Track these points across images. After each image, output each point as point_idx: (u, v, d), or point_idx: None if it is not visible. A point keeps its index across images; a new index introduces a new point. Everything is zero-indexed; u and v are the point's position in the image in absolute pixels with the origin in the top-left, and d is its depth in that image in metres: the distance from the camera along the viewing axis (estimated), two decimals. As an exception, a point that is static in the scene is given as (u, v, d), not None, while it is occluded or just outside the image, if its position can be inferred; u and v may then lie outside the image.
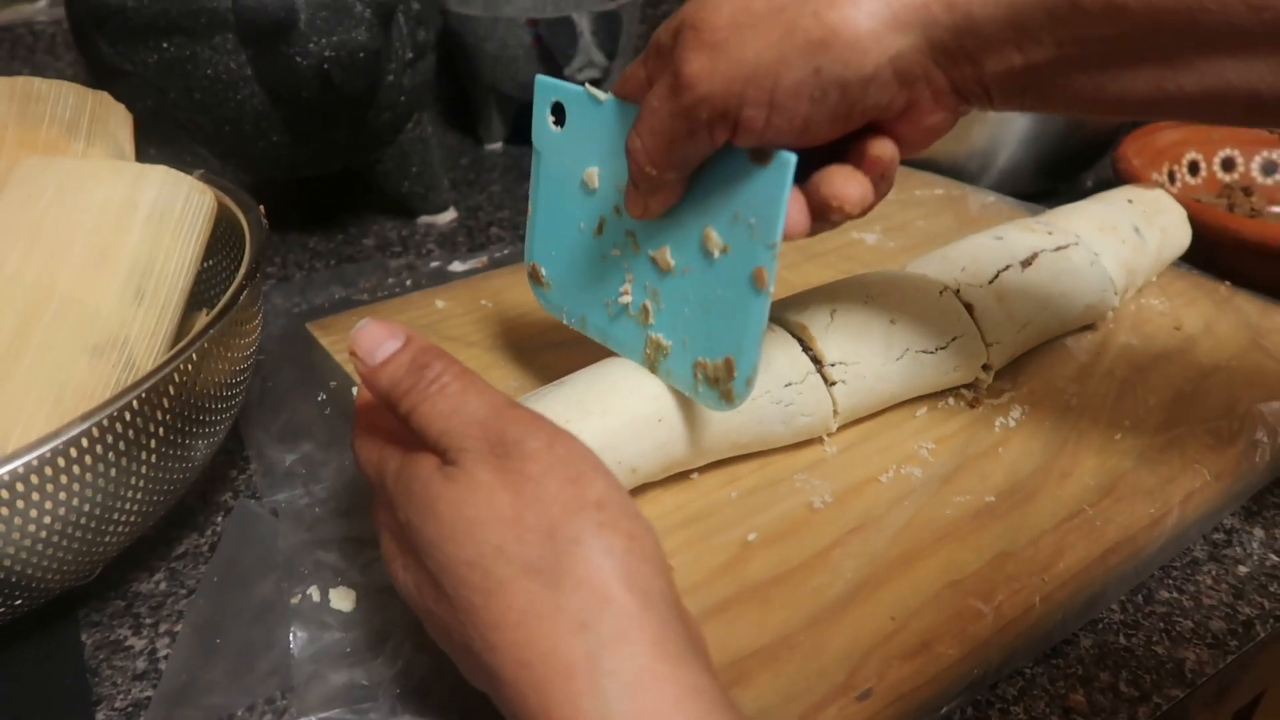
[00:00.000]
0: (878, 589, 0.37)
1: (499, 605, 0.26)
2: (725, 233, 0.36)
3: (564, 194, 0.43)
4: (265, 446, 0.46)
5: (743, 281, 0.36)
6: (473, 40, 0.80)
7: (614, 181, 0.40)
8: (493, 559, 0.26)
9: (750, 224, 0.35)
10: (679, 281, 0.39)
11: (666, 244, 0.39)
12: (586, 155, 0.41)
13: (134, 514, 0.36)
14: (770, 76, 0.31)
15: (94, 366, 0.39)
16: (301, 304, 0.61)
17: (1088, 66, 0.30)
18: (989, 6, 0.29)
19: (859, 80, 0.31)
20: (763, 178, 0.34)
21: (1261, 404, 0.47)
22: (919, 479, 0.42)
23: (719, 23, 0.31)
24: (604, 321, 0.43)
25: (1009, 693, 0.36)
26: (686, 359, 0.39)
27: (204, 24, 0.56)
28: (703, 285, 0.38)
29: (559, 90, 0.41)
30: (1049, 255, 0.51)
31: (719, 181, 0.36)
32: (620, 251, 0.41)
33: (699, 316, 0.38)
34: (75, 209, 0.41)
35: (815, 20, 0.30)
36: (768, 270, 0.35)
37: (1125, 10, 0.28)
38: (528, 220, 0.45)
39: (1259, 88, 0.29)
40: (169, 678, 0.35)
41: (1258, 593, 0.40)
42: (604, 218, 0.41)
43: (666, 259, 0.39)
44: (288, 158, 0.64)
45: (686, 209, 0.38)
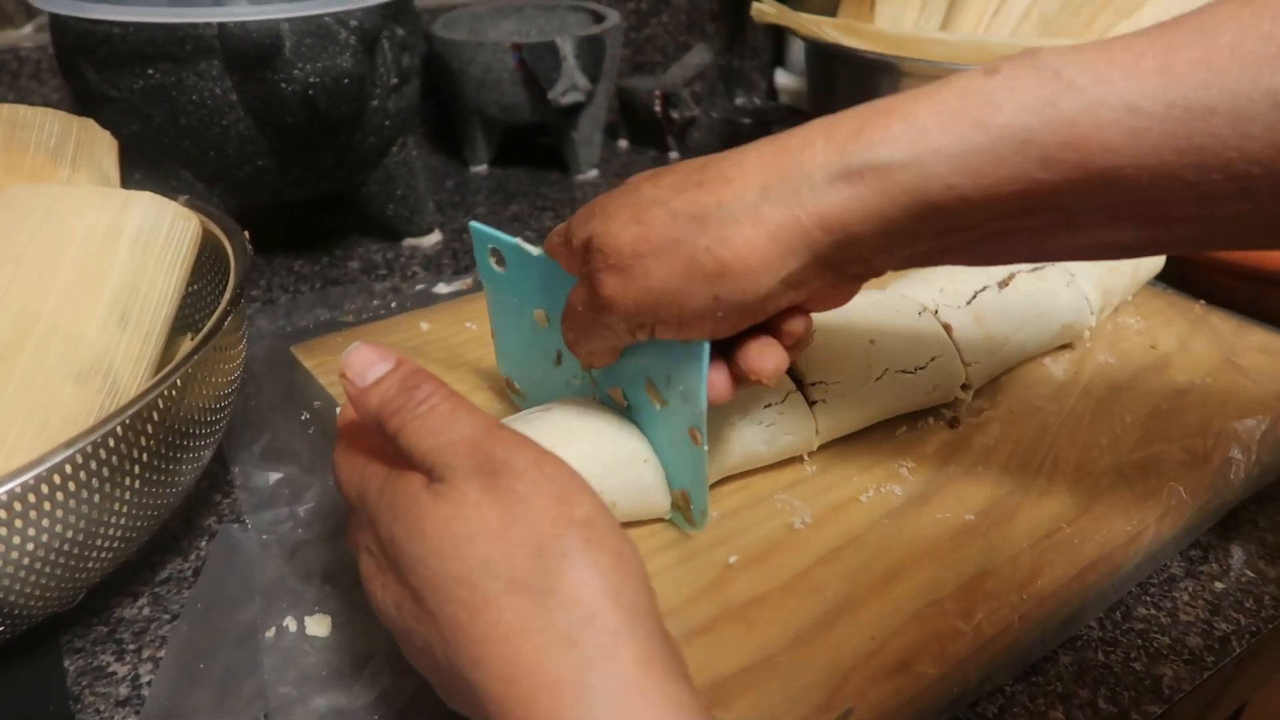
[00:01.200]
0: (858, 609, 0.37)
1: (485, 620, 0.26)
2: (663, 390, 0.39)
3: (519, 325, 0.45)
4: (249, 469, 0.46)
5: (683, 434, 0.38)
6: (457, 64, 0.81)
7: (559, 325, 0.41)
8: (479, 574, 0.26)
9: (681, 389, 0.37)
10: (637, 416, 0.41)
11: (619, 385, 0.41)
12: (531, 297, 0.43)
13: (117, 540, 0.36)
14: (676, 301, 0.33)
15: (78, 392, 0.39)
16: (286, 327, 0.61)
17: (967, 245, 0.32)
18: (864, 225, 0.31)
19: (756, 299, 0.33)
20: (685, 353, 0.36)
21: (1236, 421, 0.47)
22: (899, 498, 0.43)
23: (623, 250, 0.33)
24: None
25: (989, 710, 0.36)
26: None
27: (189, 50, 0.56)
28: (655, 425, 0.40)
29: (495, 239, 0.42)
30: (1026, 276, 0.52)
31: (652, 347, 0.38)
32: (579, 382, 0.43)
33: (662, 449, 0.41)
34: (60, 235, 0.41)
35: (709, 256, 0.32)
36: (700, 432, 0.37)
37: (988, 207, 0.30)
38: (495, 336, 0.48)
39: (1129, 242, 0.31)
40: (152, 704, 0.35)
41: (1234, 609, 0.41)
42: (560, 351, 0.43)
43: (620, 398, 0.41)
44: (273, 182, 0.64)
45: (630, 360, 0.39)
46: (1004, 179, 0.29)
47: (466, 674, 0.26)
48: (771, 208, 0.31)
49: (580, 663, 0.25)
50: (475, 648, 0.26)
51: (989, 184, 0.29)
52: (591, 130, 0.88)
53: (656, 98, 0.93)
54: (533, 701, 0.25)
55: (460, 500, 0.28)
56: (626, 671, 0.25)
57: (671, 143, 0.95)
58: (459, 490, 0.28)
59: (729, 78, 1.13)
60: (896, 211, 0.30)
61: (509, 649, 0.25)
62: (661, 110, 0.93)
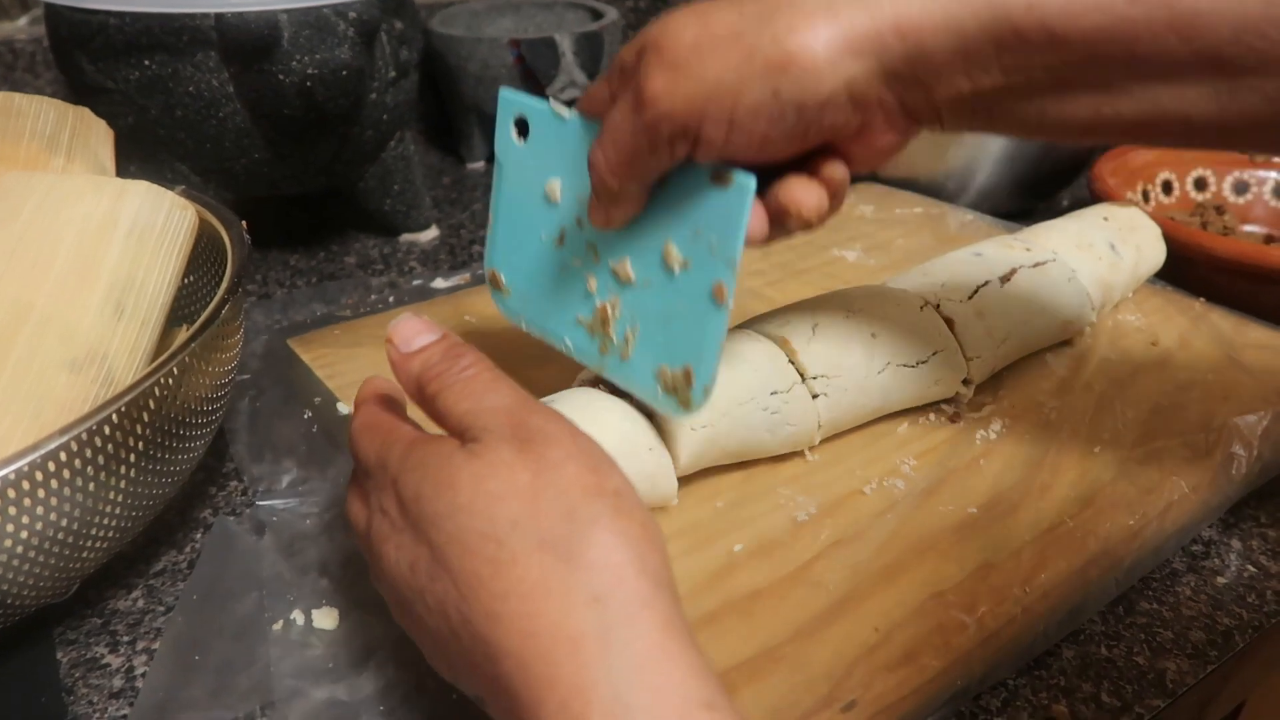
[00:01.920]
0: (862, 601, 0.37)
1: (509, 576, 0.26)
2: (685, 248, 0.37)
3: (526, 204, 0.43)
4: (246, 462, 0.46)
5: (703, 296, 0.37)
6: (455, 60, 0.81)
7: (576, 194, 0.40)
8: (508, 531, 0.26)
9: (710, 241, 0.36)
10: (640, 293, 0.40)
11: (627, 256, 0.40)
12: (549, 168, 0.41)
13: (112, 530, 0.35)
14: (730, 96, 0.32)
15: (73, 382, 0.38)
16: (283, 321, 0.61)
17: (1031, 93, 0.32)
18: (939, 35, 0.31)
19: (815, 103, 0.32)
20: (723, 199, 0.35)
21: (1237, 417, 0.47)
22: (902, 492, 0.43)
23: (681, 44, 0.32)
24: (563, 329, 0.44)
25: (992, 704, 0.36)
26: (648, 366, 0.40)
27: (186, 42, 0.56)
28: (663, 297, 0.39)
29: (523, 105, 0.41)
30: (1027, 271, 0.51)
31: (680, 198, 0.37)
32: (581, 262, 0.42)
33: (659, 327, 0.39)
34: (55, 224, 0.40)
35: (775, 45, 0.31)
36: (727, 286, 0.36)
37: (1066, 40, 0.30)
38: (488, 228, 0.46)
39: (1189, 112, 0.31)
40: (146, 695, 0.35)
41: (1236, 603, 0.40)
42: (565, 229, 0.42)
43: (627, 271, 0.40)
44: (269, 175, 0.64)
45: (648, 223, 0.38)
46: (1089, 7, 0.29)
47: (481, 629, 0.26)
48: (847, 4, 0.31)
49: (604, 622, 0.25)
50: (495, 602, 0.26)
51: (1073, 10, 0.29)
52: (589, 127, 0.87)
53: (654, 95, 0.92)
54: (552, 656, 0.24)
55: (494, 460, 0.28)
56: (650, 634, 0.25)
57: (669, 141, 0.95)
58: (494, 451, 0.28)
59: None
60: (974, 26, 0.30)
61: (532, 605, 0.25)
62: (659, 108, 0.93)
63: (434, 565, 0.27)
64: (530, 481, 0.27)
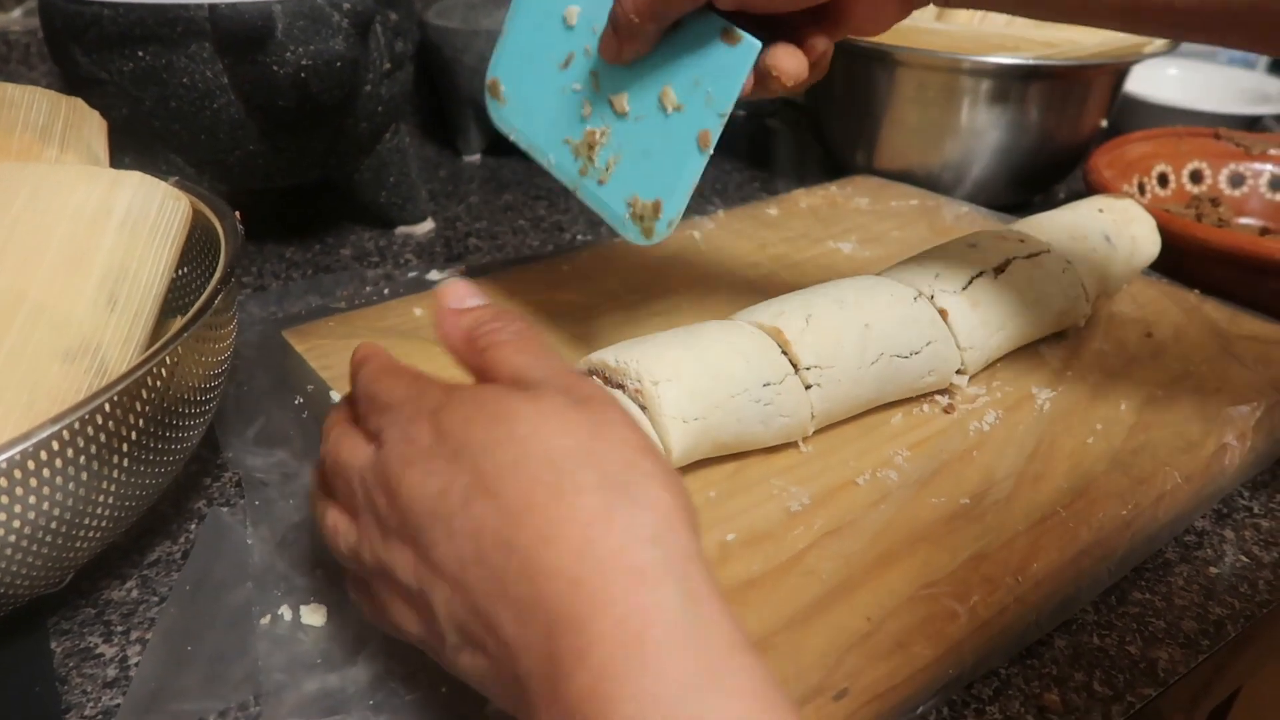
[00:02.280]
0: (854, 591, 0.37)
1: (570, 504, 0.26)
2: (683, 94, 0.42)
3: (541, 23, 0.47)
4: (240, 453, 0.46)
5: (689, 139, 0.42)
6: (451, 52, 0.80)
7: (591, 24, 0.44)
8: (571, 464, 0.26)
9: (708, 92, 0.41)
10: (630, 126, 0.44)
11: (626, 91, 0.44)
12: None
13: (105, 520, 0.35)
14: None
15: (66, 372, 0.38)
16: (278, 313, 0.61)
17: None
18: None
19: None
20: (728, 55, 0.40)
21: (1231, 408, 0.48)
22: (895, 482, 0.43)
23: None
24: (550, 146, 0.48)
25: (984, 693, 0.36)
26: (622, 193, 0.44)
27: (180, 33, 0.56)
28: (650, 133, 0.43)
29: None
30: (1021, 262, 0.51)
31: (688, 48, 0.41)
32: (581, 88, 0.46)
33: (641, 159, 0.44)
34: (48, 214, 0.40)
35: None
36: (713, 134, 0.41)
37: None
38: (500, 38, 0.49)
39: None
40: (138, 684, 0.35)
41: (1228, 593, 0.41)
42: (573, 54, 0.46)
43: (624, 104, 0.44)
44: (264, 167, 0.64)
45: (652, 66, 0.42)
46: None
47: (530, 551, 0.25)
48: None
49: (661, 559, 0.25)
50: (550, 526, 0.25)
51: None
52: (585, 120, 0.87)
53: (651, 88, 0.92)
54: (612, 579, 0.24)
55: (555, 405, 0.28)
56: (701, 579, 0.25)
57: (665, 133, 0.95)
58: (552, 399, 0.28)
59: (723, 70, 1.12)
60: None
61: (593, 532, 0.25)
62: (656, 101, 0.93)
63: (473, 490, 0.27)
64: (590, 431, 0.28)
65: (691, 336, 0.43)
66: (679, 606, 0.24)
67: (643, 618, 0.24)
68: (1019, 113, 0.73)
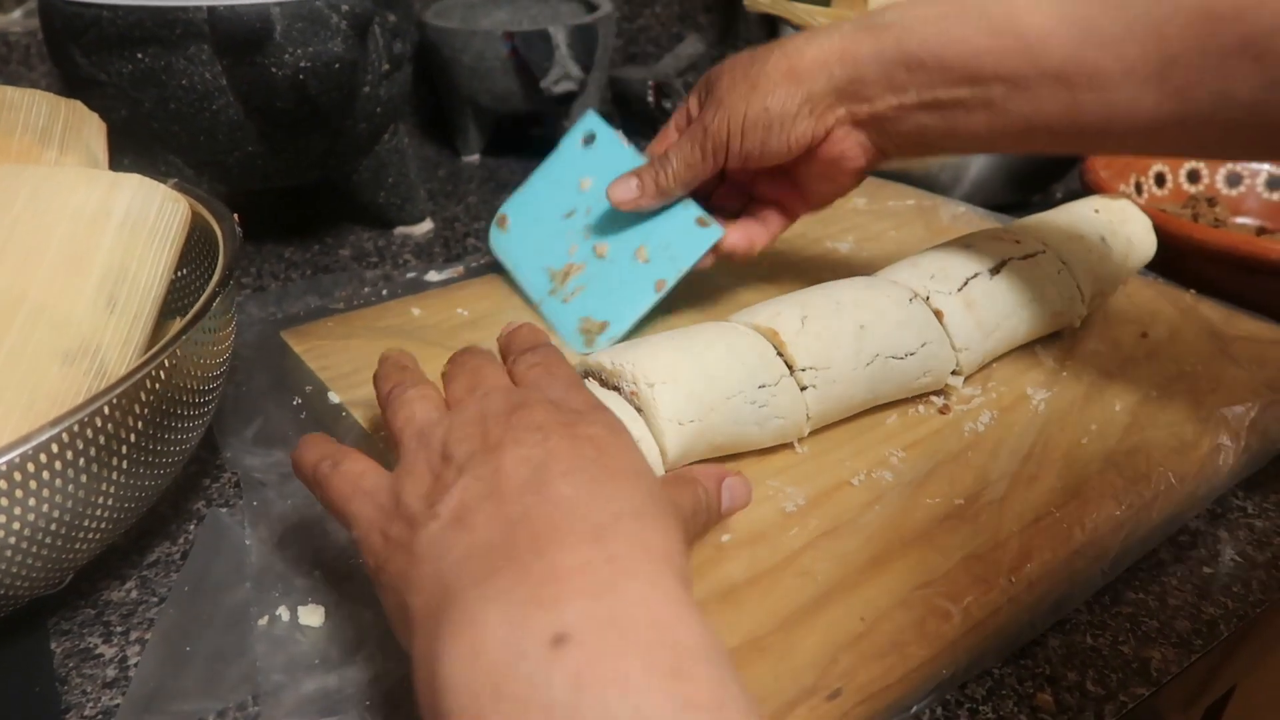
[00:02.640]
0: (849, 591, 0.37)
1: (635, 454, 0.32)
2: (653, 253, 0.54)
3: (560, 182, 0.59)
4: (238, 453, 0.46)
5: (648, 283, 0.54)
6: (449, 53, 0.81)
7: (598, 193, 0.55)
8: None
9: (674, 255, 0.53)
10: (604, 266, 0.55)
11: (609, 242, 0.56)
12: (592, 170, 0.57)
13: (105, 521, 0.35)
14: (741, 112, 0.48)
15: (65, 374, 0.38)
16: (277, 313, 0.61)
17: (938, 111, 0.45)
18: (869, 61, 0.45)
19: (788, 115, 0.47)
20: (698, 234, 0.53)
21: (1225, 408, 0.48)
22: (890, 483, 0.43)
23: (720, 85, 0.49)
24: (532, 269, 0.59)
25: (978, 692, 0.36)
26: (578, 311, 0.55)
27: (179, 34, 0.56)
28: (619, 274, 0.55)
29: (599, 127, 0.58)
30: (1017, 263, 0.52)
31: (667, 222, 0.54)
32: (573, 235, 0.57)
33: (603, 290, 0.55)
34: (48, 216, 0.41)
35: (763, 75, 0.47)
36: (668, 283, 0.53)
37: (948, 64, 0.44)
38: (521, 186, 0.61)
39: (1049, 121, 0.43)
40: (138, 684, 0.35)
41: (1222, 593, 0.41)
42: (576, 209, 0.58)
43: (604, 250, 0.56)
44: (263, 168, 0.64)
45: (636, 229, 0.55)
46: (958, 39, 0.43)
47: (606, 456, 0.30)
48: (806, 41, 0.47)
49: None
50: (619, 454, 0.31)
51: (949, 40, 0.43)
52: (584, 120, 0.87)
53: (649, 88, 0.92)
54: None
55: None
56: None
57: (664, 133, 0.95)
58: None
59: (722, 69, 1.13)
60: (892, 53, 0.45)
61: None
62: (654, 101, 0.93)
63: (575, 419, 0.32)
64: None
65: (687, 338, 0.43)
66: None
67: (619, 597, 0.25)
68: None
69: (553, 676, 0.23)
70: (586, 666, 0.23)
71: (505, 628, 0.24)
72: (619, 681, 0.22)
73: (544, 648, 0.23)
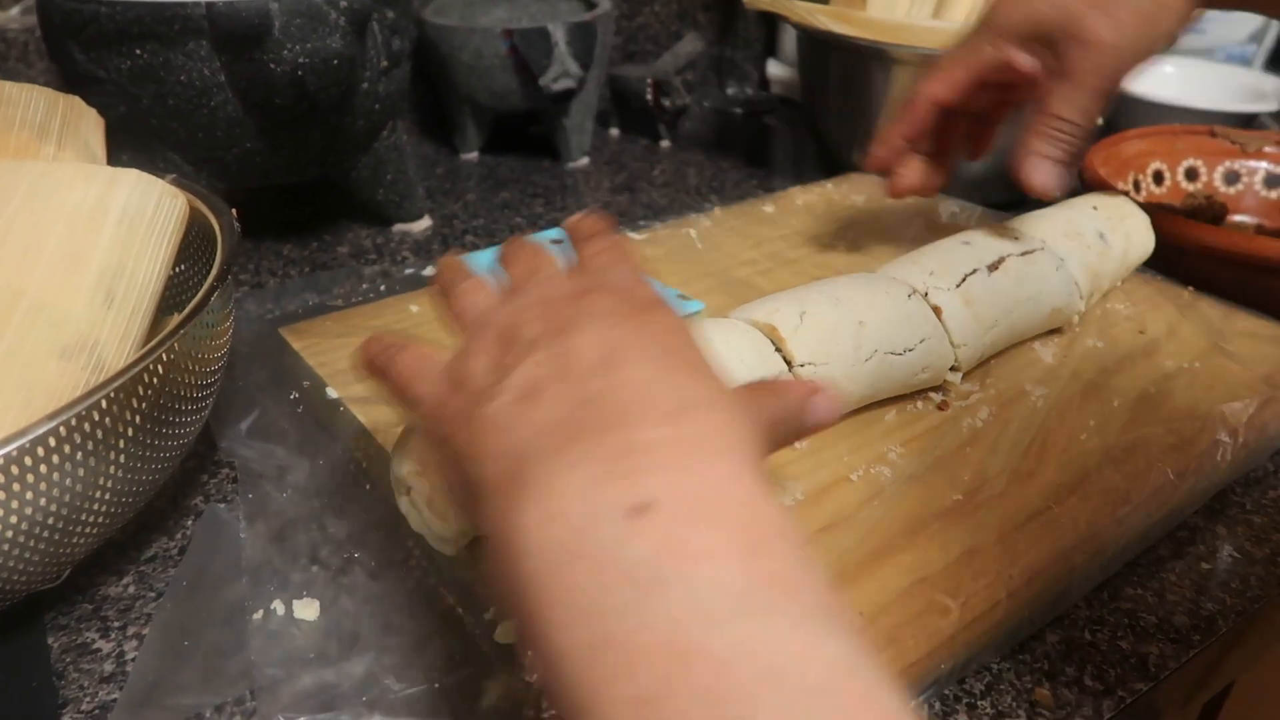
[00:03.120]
0: (846, 586, 0.37)
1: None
2: None
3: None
4: (236, 449, 0.46)
5: None
6: (448, 50, 0.81)
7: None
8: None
9: None
10: None
11: None
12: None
13: (103, 516, 0.35)
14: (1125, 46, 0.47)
15: (63, 369, 0.38)
16: (275, 310, 0.61)
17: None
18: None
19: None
20: (679, 305, 0.52)
21: (1223, 405, 0.48)
22: (888, 478, 0.43)
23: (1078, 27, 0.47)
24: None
25: (976, 687, 0.36)
26: None
27: (177, 30, 0.56)
28: None
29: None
30: (1015, 260, 0.52)
31: None
32: None
33: None
34: (46, 212, 0.41)
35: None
36: None
37: None
38: (491, 249, 0.58)
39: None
40: (135, 678, 0.35)
41: (1220, 589, 0.41)
42: None
43: None
44: (262, 165, 0.64)
45: None
46: None
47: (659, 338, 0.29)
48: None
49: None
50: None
51: None
52: (583, 118, 0.87)
53: (648, 86, 0.92)
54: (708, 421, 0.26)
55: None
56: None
57: (663, 131, 0.95)
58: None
59: (721, 67, 1.13)
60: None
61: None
62: (653, 99, 0.93)
63: (636, 298, 0.31)
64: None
65: (686, 333, 0.43)
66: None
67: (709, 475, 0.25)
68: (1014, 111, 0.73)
69: (632, 542, 0.22)
70: (666, 535, 0.23)
71: (584, 494, 0.24)
72: (699, 552, 0.22)
73: (623, 515, 0.23)
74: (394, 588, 0.39)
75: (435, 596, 0.38)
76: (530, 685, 0.34)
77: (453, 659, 0.35)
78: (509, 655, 0.35)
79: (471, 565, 0.38)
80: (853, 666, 0.21)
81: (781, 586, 0.22)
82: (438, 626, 0.37)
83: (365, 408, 0.47)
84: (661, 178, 0.87)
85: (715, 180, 0.87)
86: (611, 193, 0.84)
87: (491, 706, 0.34)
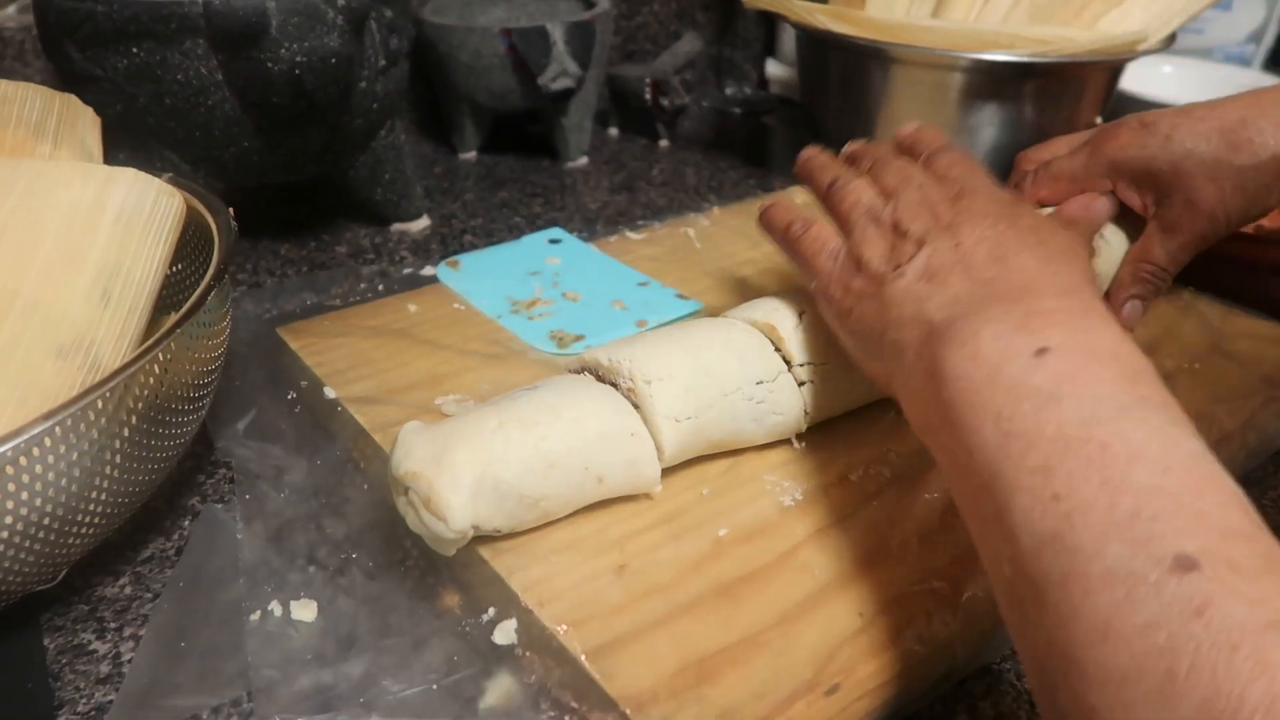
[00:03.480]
0: (846, 587, 0.37)
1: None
2: (631, 306, 0.58)
3: (523, 253, 0.65)
4: (233, 449, 0.46)
5: (628, 320, 0.56)
6: (446, 49, 0.80)
7: (567, 266, 0.63)
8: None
9: (654, 311, 0.57)
10: (575, 305, 0.58)
11: (583, 294, 0.59)
12: (559, 253, 0.65)
13: (99, 516, 0.35)
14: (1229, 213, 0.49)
15: (59, 369, 0.38)
16: (272, 310, 0.61)
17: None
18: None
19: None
20: (678, 304, 0.58)
21: (1222, 405, 0.48)
22: (887, 479, 0.43)
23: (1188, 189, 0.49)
24: (490, 298, 0.58)
25: (976, 688, 0.36)
26: (546, 329, 0.55)
27: (174, 29, 0.56)
28: (593, 314, 0.57)
29: (564, 235, 0.67)
30: (1015, 260, 0.51)
31: (644, 294, 0.59)
32: (539, 282, 0.61)
33: (576, 319, 0.56)
34: (42, 210, 0.40)
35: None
36: (650, 324, 0.55)
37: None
38: (482, 250, 0.65)
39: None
40: (131, 679, 0.35)
41: (1220, 589, 0.41)
42: (541, 271, 0.62)
43: (576, 297, 0.59)
44: (259, 164, 0.64)
45: (612, 291, 0.59)
46: None
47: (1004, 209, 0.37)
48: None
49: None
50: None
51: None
52: (581, 117, 0.87)
53: (647, 86, 0.92)
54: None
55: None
56: None
57: (662, 131, 0.95)
58: None
59: (720, 67, 1.13)
60: None
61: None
62: (652, 98, 0.93)
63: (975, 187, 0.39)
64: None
65: (684, 334, 0.43)
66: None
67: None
68: (1013, 110, 0.73)
69: (1037, 372, 0.29)
70: (1065, 369, 0.29)
71: (999, 340, 0.31)
72: (1092, 380, 0.29)
73: (1031, 355, 0.30)
74: (392, 588, 0.39)
75: (433, 597, 0.38)
76: (530, 685, 0.34)
77: (451, 660, 0.35)
78: (508, 655, 0.35)
79: (470, 566, 0.38)
80: (1203, 458, 0.27)
81: (1152, 405, 0.28)
82: (435, 627, 0.37)
83: (363, 408, 0.47)
84: (660, 177, 0.87)
85: (714, 180, 0.87)
86: (610, 192, 0.83)
87: (490, 707, 0.33)
